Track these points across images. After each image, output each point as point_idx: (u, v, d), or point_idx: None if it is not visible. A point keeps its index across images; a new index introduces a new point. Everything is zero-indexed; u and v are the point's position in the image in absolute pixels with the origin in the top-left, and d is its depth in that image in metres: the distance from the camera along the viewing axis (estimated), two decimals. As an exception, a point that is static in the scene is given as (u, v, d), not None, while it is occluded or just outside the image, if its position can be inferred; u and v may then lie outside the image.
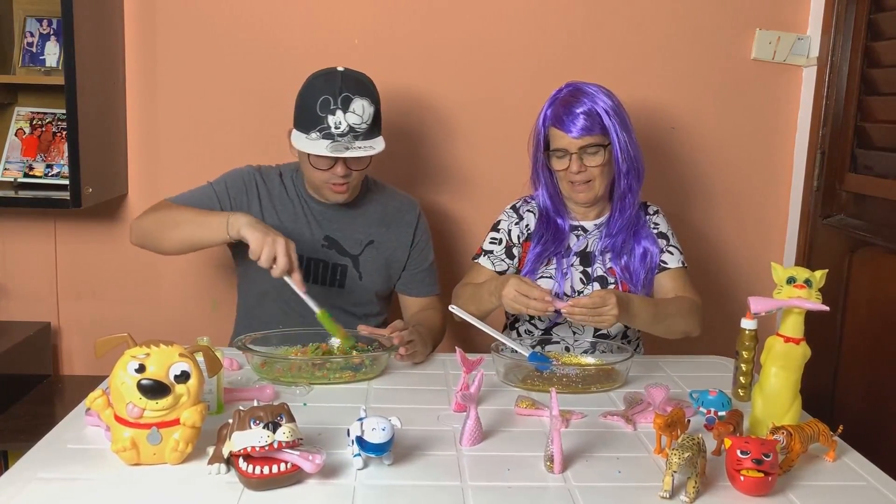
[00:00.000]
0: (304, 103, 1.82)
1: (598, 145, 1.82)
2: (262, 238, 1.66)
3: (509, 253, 1.94)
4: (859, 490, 1.24)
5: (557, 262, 1.89)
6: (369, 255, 1.98)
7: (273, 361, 1.61)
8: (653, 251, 1.90)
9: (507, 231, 1.95)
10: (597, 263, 1.90)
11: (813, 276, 1.38)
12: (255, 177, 1.95)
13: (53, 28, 2.21)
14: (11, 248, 2.37)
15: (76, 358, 2.45)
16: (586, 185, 1.85)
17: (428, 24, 2.32)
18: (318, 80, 1.83)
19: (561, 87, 1.88)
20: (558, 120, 1.83)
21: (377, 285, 2.00)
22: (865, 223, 2.11)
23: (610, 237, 1.90)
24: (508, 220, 1.97)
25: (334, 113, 1.78)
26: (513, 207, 1.99)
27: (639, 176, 1.89)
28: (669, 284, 1.89)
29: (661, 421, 1.29)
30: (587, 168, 1.83)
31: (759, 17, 2.36)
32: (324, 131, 1.78)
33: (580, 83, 1.86)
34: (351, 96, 1.78)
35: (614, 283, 1.88)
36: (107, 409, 1.19)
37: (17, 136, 2.22)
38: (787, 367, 1.37)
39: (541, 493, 1.18)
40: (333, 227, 1.95)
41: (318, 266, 1.95)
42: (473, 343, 2.31)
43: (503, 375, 1.66)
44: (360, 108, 1.79)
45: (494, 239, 1.96)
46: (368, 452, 1.21)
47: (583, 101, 1.81)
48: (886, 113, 2.06)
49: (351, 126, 1.78)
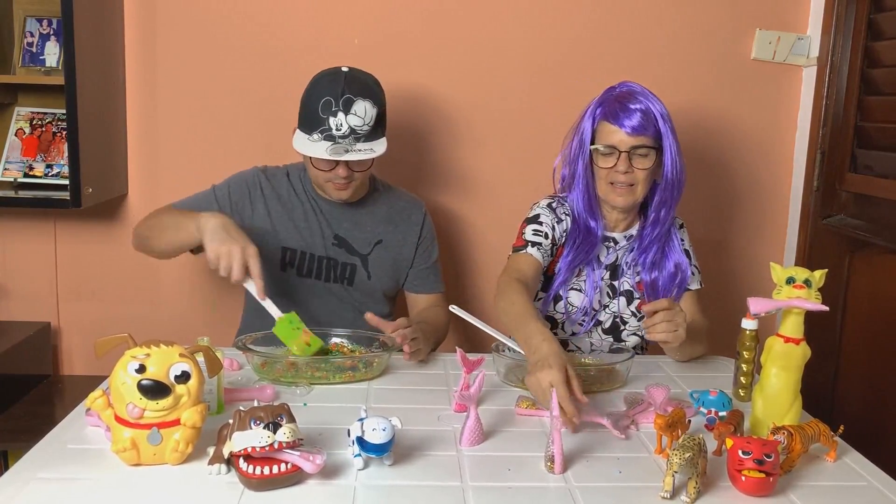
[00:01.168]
0: (308, 104, 1.83)
1: (649, 147, 1.76)
2: (218, 247, 1.64)
3: (552, 250, 1.85)
4: (860, 490, 1.24)
5: (588, 274, 1.85)
6: (378, 255, 1.99)
7: (273, 361, 1.61)
8: (683, 266, 1.86)
9: (551, 226, 1.84)
10: (624, 277, 1.87)
11: (812, 277, 1.38)
12: (259, 179, 1.96)
13: (53, 28, 2.21)
14: (11, 248, 2.37)
15: (76, 358, 2.45)
16: (629, 188, 1.78)
17: (428, 24, 2.32)
18: (321, 81, 1.83)
19: (614, 85, 1.82)
20: (613, 115, 1.75)
21: (385, 284, 2.01)
22: (865, 223, 2.11)
23: (641, 250, 1.86)
24: (549, 217, 1.85)
25: (336, 115, 1.78)
26: (549, 206, 1.87)
27: (680, 188, 1.83)
28: (687, 307, 1.85)
29: (662, 421, 1.29)
30: (634, 170, 1.77)
31: (759, 17, 2.36)
32: (325, 132, 1.79)
33: (635, 84, 1.80)
34: (353, 98, 1.78)
35: (640, 297, 1.86)
36: (107, 409, 1.19)
37: (17, 136, 2.22)
38: (787, 368, 1.37)
39: (541, 493, 1.18)
40: (343, 226, 1.96)
41: (330, 264, 1.96)
42: (474, 343, 2.31)
43: (504, 375, 1.65)
44: (361, 110, 1.79)
45: (539, 231, 1.83)
46: (369, 453, 1.21)
47: (640, 101, 1.75)
48: (886, 113, 2.06)
49: (352, 128, 1.78)
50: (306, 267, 1.95)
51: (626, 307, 1.87)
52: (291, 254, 1.94)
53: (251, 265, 1.65)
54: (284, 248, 1.94)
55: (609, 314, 1.87)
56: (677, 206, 1.88)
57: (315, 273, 1.96)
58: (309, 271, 1.96)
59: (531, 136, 2.38)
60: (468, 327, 1.71)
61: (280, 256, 1.94)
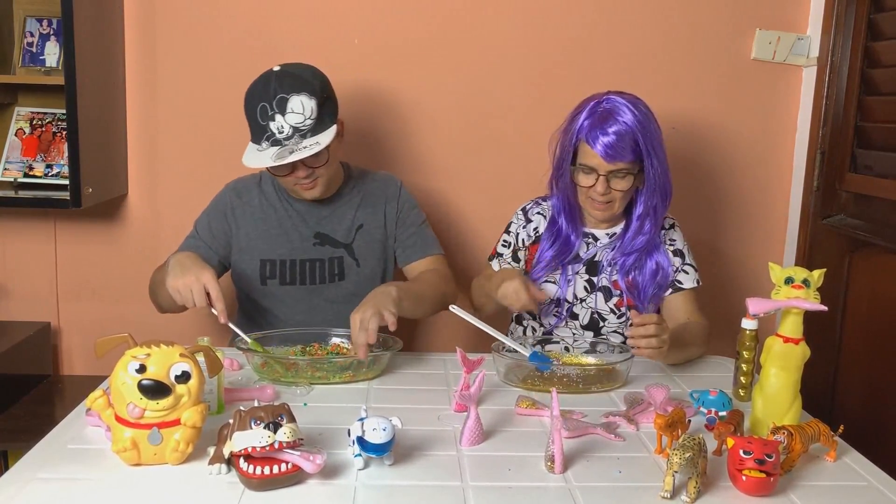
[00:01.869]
0: (248, 114, 1.78)
1: (627, 171, 1.77)
2: (174, 282, 1.65)
3: (515, 257, 1.94)
4: (860, 490, 1.24)
5: (563, 268, 1.88)
6: (361, 239, 1.95)
7: (273, 362, 1.61)
8: (665, 267, 1.87)
9: (515, 234, 1.95)
10: (603, 273, 1.88)
11: (811, 276, 1.38)
12: (229, 200, 1.94)
13: (53, 28, 2.21)
14: (11, 248, 2.37)
15: (76, 358, 2.45)
16: (607, 204, 1.81)
17: (428, 24, 2.32)
18: (255, 87, 1.79)
19: (600, 98, 1.78)
20: (593, 138, 1.74)
21: (376, 268, 1.97)
22: (865, 223, 2.11)
23: (622, 254, 1.87)
24: (517, 223, 1.96)
25: (274, 118, 1.74)
26: (522, 210, 1.98)
27: (665, 198, 1.84)
28: (682, 306, 1.87)
29: (662, 421, 1.29)
30: (611, 191, 1.79)
31: (759, 17, 2.36)
32: (270, 138, 1.75)
33: (619, 99, 1.77)
34: (286, 96, 1.73)
35: (619, 295, 1.87)
36: (107, 409, 1.19)
37: (17, 136, 2.22)
38: (786, 368, 1.37)
39: (541, 493, 1.18)
40: (322, 223, 1.93)
41: (315, 266, 1.93)
42: (474, 343, 2.31)
43: (504, 375, 1.66)
44: (299, 106, 1.74)
45: (506, 242, 1.97)
46: (369, 452, 1.21)
47: (621, 122, 1.73)
48: (886, 113, 2.06)
49: (293, 126, 1.74)
50: (288, 275, 1.92)
51: (605, 303, 1.88)
52: (271, 265, 1.91)
53: (210, 289, 1.63)
54: (263, 261, 1.91)
55: (586, 309, 1.88)
56: (670, 208, 1.90)
57: (299, 279, 1.92)
58: (292, 279, 1.92)
59: (531, 136, 2.37)
60: (468, 327, 1.71)
61: (259, 270, 1.91)
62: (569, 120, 1.83)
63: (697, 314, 1.88)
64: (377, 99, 2.33)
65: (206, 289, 1.63)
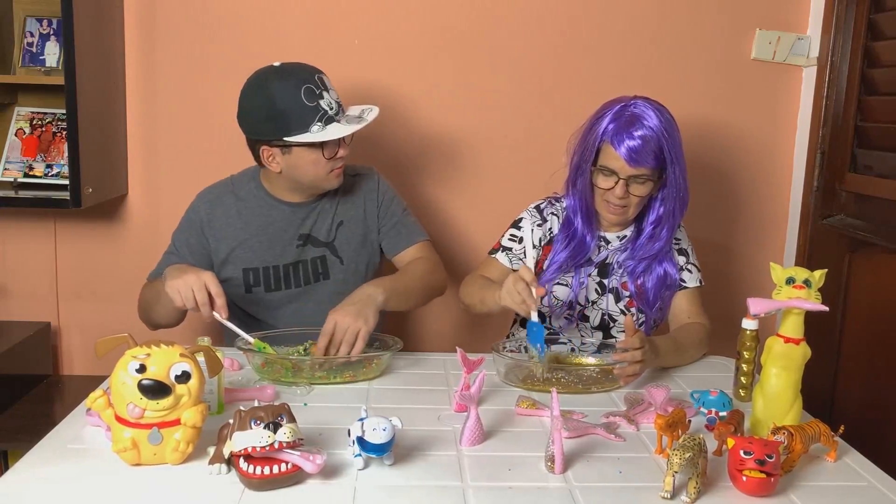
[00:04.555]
0: (284, 107, 1.74)
1: (648, 177, 1.76)
2: (173, 283, 1.64)
3: (527, 254, 1.88)
4: (860, 490, 1.24)
5: (576, 271, 1.86)
6: (343, 236, 1.94)
7: (273, 361, 1.61)
8: (672, 275, 1.87)
9: (529, 231, 1.88)
10: (613, 275, 1.88)
11: (812, 277, 1.38)
12: (205, 214, 1.91)
13: (53, 28, 2.21)
14: (11, 248, 2.37)
15: (76, 358, 2.45)
16: (622, 208, 1.80)
17: (429, 24, 2.32)
18: (281, 82, 1.76)
19: (627, 102, 1.77)
20: (617, 140, 1.73)
21: (360, 263, 1.96)
22: (865, 223, 2.11)
23: (632, 259, 1.86)
24: (531, 221, 1.90)
25: (322, 96, 1.76)
26: (536, 208, 1.93)
27: (683, 207, 1.84)
28: (685, 305, 1.87)
29: (663, 421, 1.29)
30: (629, 195, 1.78)
31: (759, 17, 2.36)
32: (324, 117, 1.76)
33: (646, 104, 1.76)
34: (322, 75, 1.79)
35: (628, 296, 1.86)
36: (107, 409, 1.19)
37: (17, 136, 2.22)
38: (787, 368, 1.37)
39: (542, 493, 1.18)
40: (307, 223, 1.92)
41: (298, 268, 1.92)
42: (474, 343, 2.31)
43: (504, 375, 1.66)
44: (330, 83, 1.80)
45: (514, 237, 1.91)
46: (369, 453, 1.21)
47: (647, 126, 1.72)
48: (886, 113, 2.06)
49: (338, 101, 1.79)
50: (273, 281, 1.91)
51: (615, 304, 1.87)
52: (254, 273, 1.90)
53: (210, 286, 1.63)
54: (246, 270, 1.90)
55: (597, 311, 1.88)
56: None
57: (283, 283, 1.91)
58: (276, 284, 1.91)
59: (531, 136, 2.38)
60: (468, 327, 1.71)
61: (242, 279, 1.90)
62: (592, 121, 1.81)
63: (700, 314, 1.87)
64: (377, 99, 2.33)
65: (206, 286, 1.63)
